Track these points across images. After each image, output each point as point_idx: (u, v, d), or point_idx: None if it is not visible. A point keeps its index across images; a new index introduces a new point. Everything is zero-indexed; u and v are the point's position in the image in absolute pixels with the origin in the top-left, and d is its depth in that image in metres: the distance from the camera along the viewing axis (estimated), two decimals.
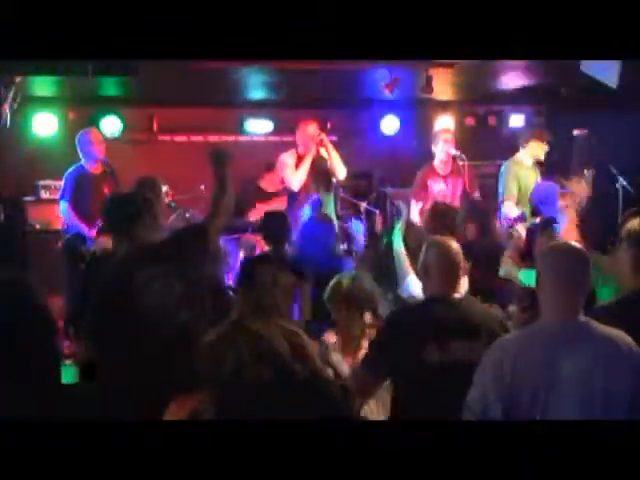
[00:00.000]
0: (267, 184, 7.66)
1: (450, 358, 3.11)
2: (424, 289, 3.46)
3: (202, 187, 6.97)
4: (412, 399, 3.14)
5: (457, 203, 6.64)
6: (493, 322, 3.25)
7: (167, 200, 6.27)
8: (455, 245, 3.41)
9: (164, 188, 6.12)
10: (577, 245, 2.70)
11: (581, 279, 2.60)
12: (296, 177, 6.44)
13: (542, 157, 6.75)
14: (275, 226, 4.74)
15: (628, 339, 2.57)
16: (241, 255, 6.55)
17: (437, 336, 3.14)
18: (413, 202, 6.70)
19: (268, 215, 4.98)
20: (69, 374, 3.58)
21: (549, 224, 4.75)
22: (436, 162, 6.76)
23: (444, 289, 3.30)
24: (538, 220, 5.06)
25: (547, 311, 2.60)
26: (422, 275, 3.41)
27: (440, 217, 4.81)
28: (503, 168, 6.87)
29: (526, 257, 4.51)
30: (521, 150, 6.80)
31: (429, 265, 3.34)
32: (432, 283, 3.34)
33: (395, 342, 3.21)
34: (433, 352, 3.12)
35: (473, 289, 3.93)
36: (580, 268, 2.61)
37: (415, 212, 6.33)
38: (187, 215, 6.93)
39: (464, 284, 3.74)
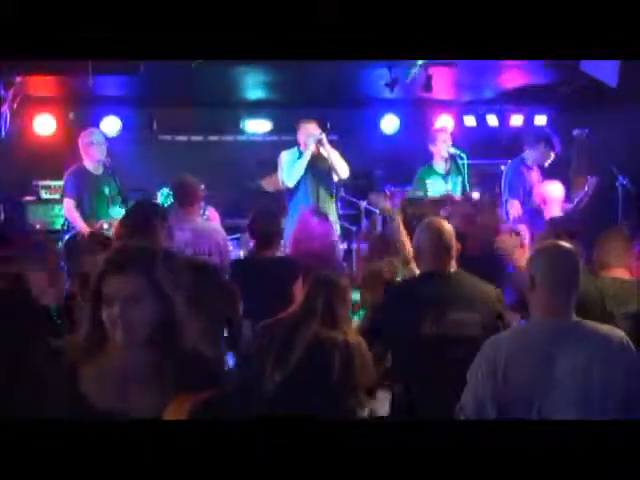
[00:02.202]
0: (268, 184, 7.67)
1: (446, 331, 3.15)
2: (418, 268, 3.52)
3: (202, 187, 6.96)
4: (409, 372, 3.18)
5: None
6: (487, 294, 3.29)
7: None
8: (447, 225, 3.46)
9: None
10: (568, 245, 2.71)
11: (572, 279, 2.61)
12: (291, 173, 6.44)
13: (545, 163, 6.79)
14: (264, 225, 4.66)
15: (620, 334, 2.58)
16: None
17: (433, 310, 3.18)
18: None
19: (257, 213, 4.90)
20: None
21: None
22: (435, 161, 6.78)
23: (437, 265, 3.33)
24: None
25: (539, 311, 2.60)
26: (416, 255, 3.48)
27: None
28: (508, 167, 6.91)
29: None
30: (527, 150, 6.83)
31: (422, 244, 3.40)
32: (425, 261, 3.40)
33: (392, 318, 3.25)
34: (430, 326, 3.15)
35: None
36: (571, 268, 2.61)
37: None
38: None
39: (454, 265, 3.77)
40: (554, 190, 6.34)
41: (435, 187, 6.69)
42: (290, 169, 6.45)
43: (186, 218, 5.05)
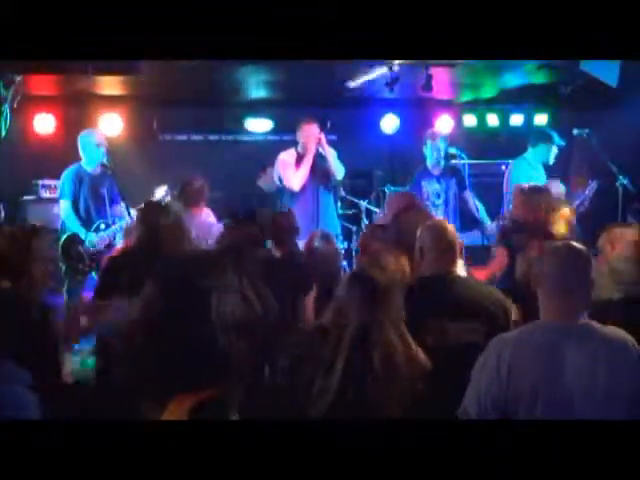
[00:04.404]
0: (264, 183, 7.68)
1: (446, 339, 3.12)
2: (421, 270, 3.45)
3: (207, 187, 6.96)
4: None
5: (451, 202, 6.71)
6: (490, 300, 3.25)
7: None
8: (450, 226, 3.43)
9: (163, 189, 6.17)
10: (579, 245, 2.68)
11: (582, 280, 2.57)
12: (297, 177, 6.44)
13: (550, 160, 6.82)
14: (285, 226, 4.61)
15: (626, 336, 2.56)
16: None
17: (434, 317, 3.14)
18: None
19: (277, 215, 4.86)
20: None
21: None
22: (428, 162, 6.82)
23: (441, 267, 3.30)
24: None
25: (546, 311, 2.58)
26: (418, 257, 3.42)
27: None
28: (511, 166, 6.93)
29: None
30: (530, 149, 6.86)
31: (425, 246, 3.34)
32: (429, 263, 3.34)
33: None
34: (429, 334, 3.12)
35: None
36: (581, 268, 2.58)
37: None
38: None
39: (461, 265, 3.71)
40: (557, 189, 6.34)
41: (430, 189, 6.74)
42: (294, 173, 6.44)
43: (192, 216, 5.44)
